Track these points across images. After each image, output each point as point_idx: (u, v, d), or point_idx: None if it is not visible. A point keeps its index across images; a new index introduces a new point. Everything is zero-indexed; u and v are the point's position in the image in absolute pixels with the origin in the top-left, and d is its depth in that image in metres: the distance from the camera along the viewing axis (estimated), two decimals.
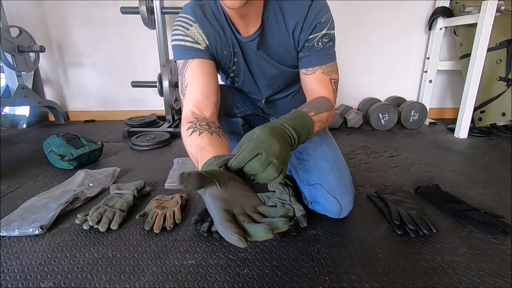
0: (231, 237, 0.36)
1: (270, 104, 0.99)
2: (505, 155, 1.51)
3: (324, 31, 0.72)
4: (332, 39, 0.74)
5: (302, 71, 0.76)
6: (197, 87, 0.72)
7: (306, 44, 0.73)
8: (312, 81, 0.74)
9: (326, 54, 0.74)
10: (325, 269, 0.72)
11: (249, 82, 0.89)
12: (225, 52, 0.79)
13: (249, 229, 0.38)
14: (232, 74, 0.87)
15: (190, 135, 0.64)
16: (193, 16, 0.74)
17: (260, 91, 0.92)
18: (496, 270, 0.71)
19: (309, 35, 0.72)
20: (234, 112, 0.93)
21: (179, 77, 0.75)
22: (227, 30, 0.76)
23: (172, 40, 0.76)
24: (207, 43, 0.75)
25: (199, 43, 0.74)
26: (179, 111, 2.14)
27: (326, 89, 0.73)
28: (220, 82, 0.95)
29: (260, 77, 0.86)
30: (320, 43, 0.72)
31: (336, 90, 0.76)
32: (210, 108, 0.72)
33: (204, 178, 0.42)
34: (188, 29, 0.74)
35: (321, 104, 0.67)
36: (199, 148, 0.59)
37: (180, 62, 0.75)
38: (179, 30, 0.74)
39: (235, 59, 0.81)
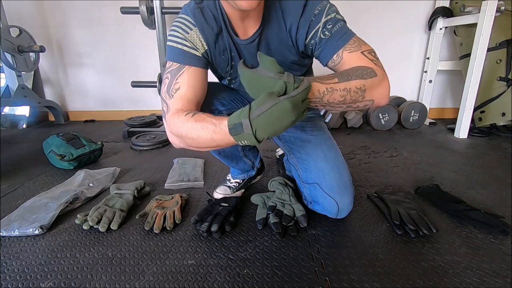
0: None
1: None
2: (505, 155, 1.51)
3: (323, 20, 0.68)
4: (337, 21, 0.69)
5: (330, 65, 0.71)
6: (188, 97, 0.71)
7: (312, 41, 0.70)
8: (344, 67, 0.66)
9: (340, 36, 0.68)
10: (325, 269, 0.72)
11: None
12: (223, 56, 0.79)
13: None
14: (229, 77, 0.86)
15: (193, 115, 0.65)
16: (193, 19, 0.72)
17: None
18: (496, 270, 0.71)
19: (307, 32, 0.70)
20: (219, 109, 0.90)
21: (168, 75, 0.73)
22: (225, 34, 0.75)
23: (169, 41, 0.74)
24: (206, 48, 0.74)
25: (197, 49, 0.73)
26: None
27: (363, 63, 0.64)
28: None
29: None
30: (326, 32, 0.68)
31: (377, 59, 0.66)
32: None
33: None
34: (187, 33, 0.72)
35: (353, 72, 0.60)
36: (208, 116, 0.62)
37: (174, 64, 0.73)
38: (178, 32, 0.73)
39: (232, 63, 0.81)
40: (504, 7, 1.57)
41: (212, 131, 0.60)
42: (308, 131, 0.92)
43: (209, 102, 0.86)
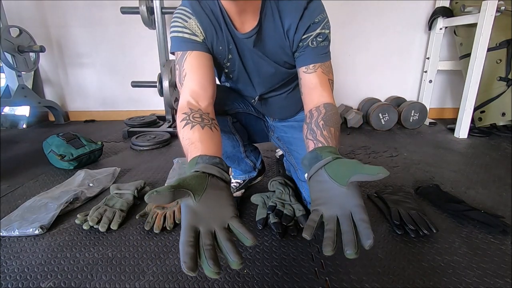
0: (183, 266, 0.37)
1: (263, 102, 0.98)
2: (505, 155, 1.50)
3: (318, 30, 0.72)
4: (327, 38, 0.75)
5: (302, 69, 0.76)
6: (195, 78, 0.72)
7: (301, 44, 0.74)
8: (314, 80, 0.74)
9: (322, 52, 0.75)
10: (325, 269, 0.72)
11: (244, 79, 0.88)
12: (221, 48, 0.79)
13: (202, 259, 0.40)
14: (226, 70, 0.87)
15: (183, 127, 0.65)
16: (191, 10, 0.75)
17: (254, 88, 0.92)
18: (496, 270, 0.71)
19: (303, 35, 0.73)
20: (224, 109, 0.92)
21: (177, 66, 0.75)
22: (223, 27, 0.76)
23: (171, 32, 0.76)
24: (204, 36, 0.76)
25: (197, 36, 0.75)
26: None
27: (326, 91, 0.74)
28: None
29: (255, 75, 0.86)
30: (314, 42, 0.73)
31: (332, 90, 0.77)
32: (206, 99, 0.73)
33: (177, 192, 0.43)
34: (186, 21, 0.74)
35: (334, 116, 0.68)
36: (190, 142, 0.61)
37: (178, 53, 0.75)
38: (178, 22, 0.75)
39: (230, 56, 0.81)
40: (504, 7, 1.57)
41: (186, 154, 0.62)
42: None
43: (215, 103, 0.86)
